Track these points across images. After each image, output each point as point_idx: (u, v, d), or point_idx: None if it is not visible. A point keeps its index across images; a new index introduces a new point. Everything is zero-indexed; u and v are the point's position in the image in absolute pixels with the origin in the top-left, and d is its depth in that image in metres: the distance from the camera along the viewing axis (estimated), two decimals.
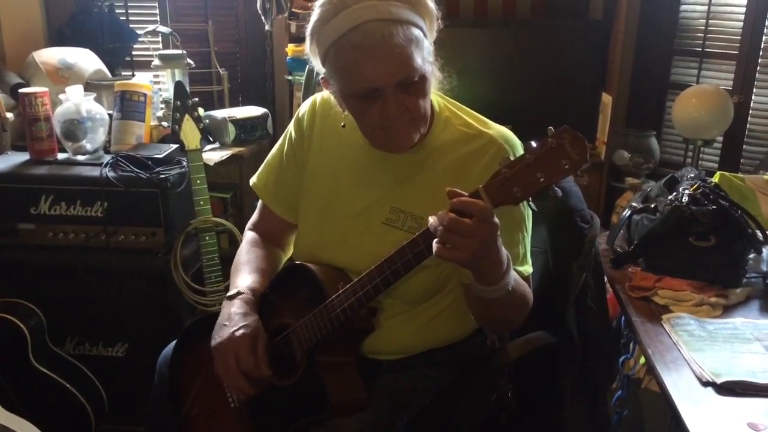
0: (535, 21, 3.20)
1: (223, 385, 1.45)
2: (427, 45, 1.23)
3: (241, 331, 1.33)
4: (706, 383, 1.25)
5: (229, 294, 1.42)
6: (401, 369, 1.40)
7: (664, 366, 1.31)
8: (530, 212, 1.36)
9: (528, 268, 1.36)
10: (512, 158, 1.08)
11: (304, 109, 1.47)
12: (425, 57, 1.21)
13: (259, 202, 1.57)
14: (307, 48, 1.28)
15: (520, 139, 1.35)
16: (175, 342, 1.57)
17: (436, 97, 1.36)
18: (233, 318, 1.35)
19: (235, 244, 2.33)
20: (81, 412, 2.16)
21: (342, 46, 1.18)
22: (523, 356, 1.45)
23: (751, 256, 1.67)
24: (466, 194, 1.09)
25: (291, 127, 1.49)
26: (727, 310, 1.55)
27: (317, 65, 1.29)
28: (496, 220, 1.09)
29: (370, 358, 1.40)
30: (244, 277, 1.45)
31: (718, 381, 1.24)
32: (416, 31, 1.19)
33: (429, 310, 1.39)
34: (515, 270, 1.28)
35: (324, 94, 1.41)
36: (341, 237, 1.38)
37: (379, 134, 1.27)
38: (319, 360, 1.31)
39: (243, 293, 1.40)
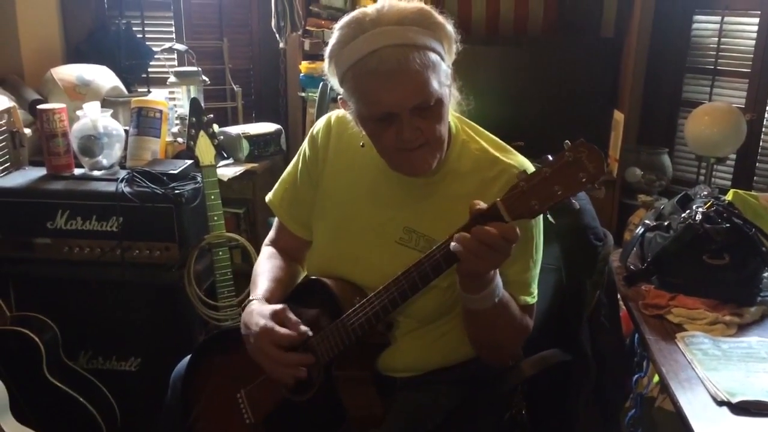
0: (547, 38, 3.22)
1: (238, 402, 1.46)
2: (445, 68, 1.24)
3: (260, 323, 1.32)
4: (721, 403, 1.24)
5: (243, 305, 1.43)
6: (416, 386, 1.40)
7: (679, 385, 1.31)
8: (541, 244, 1.35)
9: (530, 299, 1.35)
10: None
11: (318, 126, 1.48)
12: (442, 81, 1.22)
13: (276, 219, 1.58)
14: (326, 69, 1.30)
15: (531, 156, 1.35)
16: (189, 357, 1.58)
17: (453, 119, 1.36)
18: (250, 323, 1.36)
19: (248, 259, 2.35)
20: (93, 426, 2.16)
21: (359, 70, 1.20)
22: (536, 374, 1.45)
23: (766, 274, 1.67)
24: (486, 206, 1.11)
25: (305, 145, 1.49)
26: (742, 328, 1.54)
27: (336, 86, 1.30)
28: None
29: (385, 375, 1.40)
30: (259, 287, 1.46)
31: (734, 400, 1.24)
32: (433, 56, 1.20)
33: (443, 327, 1.39)
34: (519, 298, 1.30)
35: (339, 112, 1.42)
36: (354, 253, 1.39)
37: (396, 157, 1.28)
38: (335, 375, 1.31)
39: (254, 300, 1.41)
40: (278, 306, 1.35)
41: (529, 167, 1.33)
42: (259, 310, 1.36)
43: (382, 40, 1.17)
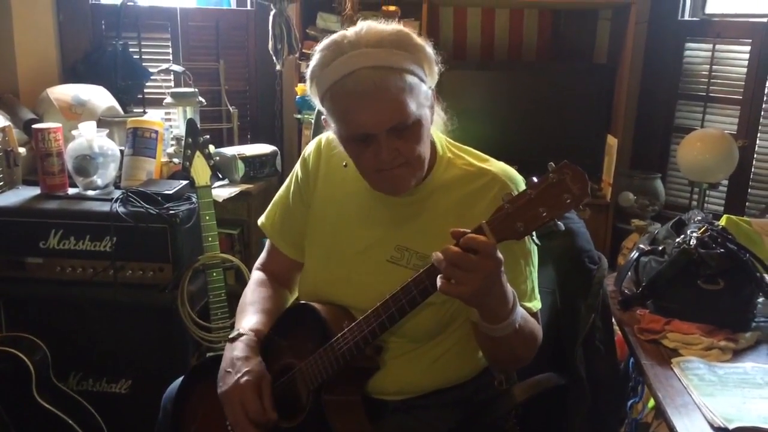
0: (541, 64, 3.26)
1: (227, 428, 1.44)
2: (425, 90, 1.24)
3: (244, 378, 1.33)
4: (718, 429, 1.24)
5: (231, 336, 1.42)
6: (408, 410, 1.39)
7: (675, 410, 1.30)
8: (536, 248, 1.36)
9: (537, 304, 1.35)
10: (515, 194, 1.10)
11: (309, 149, 1.49)
12: (421, 102, 1.23)
13: (267, 242, 1.58)
14: (308, 90, 1.32)
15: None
16: (180, 379, 1.56)
17: (439, 138, 1.37)
18: (236, 364, 1.35)
19: (242, 280, 2.33)
20: None
21: (337, 91, 1.21)
22: (531, 398, 1.44)
23: (760, 300, 1.67)
24: (469, 231, 1.11)
25: (297, 168, 1.51)
26: (737, 354, 1.54)
27: (318, 106, 1.32)
28: (500, 255, 1.10)
29: (377, 398, 1.38)
30: (248, 318, 1.45)
31: (730, 427, 1.23)
32: (411, 78, 1.21)
33: (435, 348, 1.38)
34: (523, 306, 1.29)
35: (329, 135, 1.43)
36: (346, 275, 1.39)
37: (375, 177, 1.29)
38: (325, 400, 1.30)
39: (245, 335, 1.40)
40: (263, 374, 1.34)
41: (514, 174, 1.34)
42: (247, 359, 1.35)
43: (359, 61, 1.19)
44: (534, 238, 1.11)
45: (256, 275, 1.57)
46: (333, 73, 1.21)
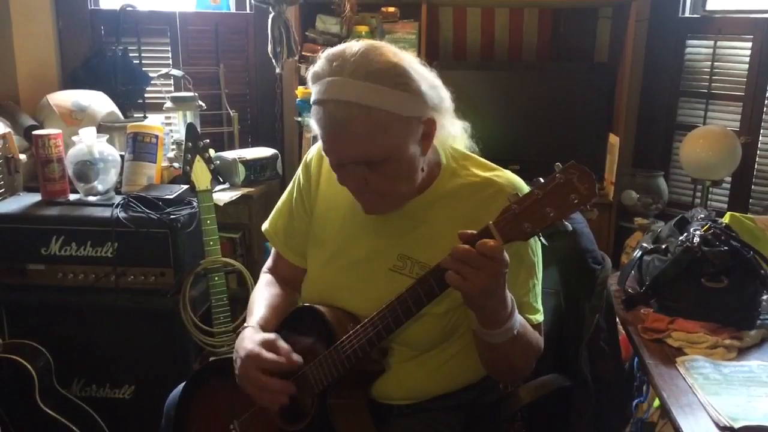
0: (541, 63, 3.25)
1: (230, 431, 1.44)
2: (408, 125, 1.21)
3: (249, 347, 1.32)
4: (723, 428, 1.23)
5: (237, 332, 1.42)
6: (413, 414, 1.38)
7: (680, 410, 1.29)
8: (541, 260, 1.35)
9: (539, 317, 1.35)
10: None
11: (311, 154, 1.48)
12: (398, 138, 1.20)
13: (273, 248, 1.57)
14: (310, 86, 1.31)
15: (527, 180, 1.35)
16: (183, 384, 1.56)
17: (444, 148, 1.35)
18: (239, 349, 1.35)
19: (244, 284, 2.33)
20: None
21: (315, 112, 1.23)
22: (536, 399, 1.43)
23: (765, 297, 1.66)
24: (476, 232, 1.11)
25: (299, 173, 1.50)
26: (742, 352, 1.53)
27: None
28: (506, 257, 1.10)
29: (382, 402, 1.38)
30: (254, 315, 1.45)
31: (736, 426, 1.22)
32: (383, 116, 1.17)
33: (440, 354, 1.37)
34: (526, 318, 1.28)
35: None
36: (348, 283, 1.38)
37: (353, 195, 1.30)
38: (330, 403, 1.30)
39: (247, 327, 1.41)
40: (270, 335, 1.34)
41: (519, 183, 1.33)
42: (250, 337, 1.35)
43: (333, 92, 1.18)
44: (542, 238, 1.11)
45: (264, 278, 1.57)
46: (315, 92, 1.22)
